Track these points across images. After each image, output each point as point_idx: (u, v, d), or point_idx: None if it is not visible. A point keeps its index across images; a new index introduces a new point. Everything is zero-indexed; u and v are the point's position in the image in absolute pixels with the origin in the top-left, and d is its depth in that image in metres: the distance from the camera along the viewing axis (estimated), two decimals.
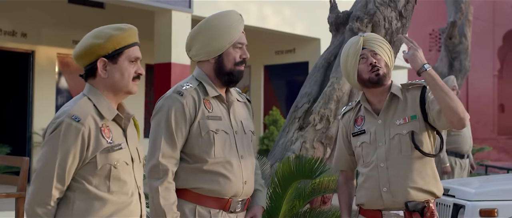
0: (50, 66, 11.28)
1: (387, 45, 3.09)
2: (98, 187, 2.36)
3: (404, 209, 2.98)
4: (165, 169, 2.69)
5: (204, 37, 2.81)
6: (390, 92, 3.06)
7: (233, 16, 2.86)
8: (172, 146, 2.71)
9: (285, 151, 5.21)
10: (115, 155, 2.38)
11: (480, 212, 4.57)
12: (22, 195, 4.60)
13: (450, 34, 12.20)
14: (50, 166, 2.32)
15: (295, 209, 4.37)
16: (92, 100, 2.40)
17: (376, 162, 3.03)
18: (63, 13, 11.29)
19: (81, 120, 2.32)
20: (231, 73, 2.82)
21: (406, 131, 3.00)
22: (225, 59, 2.81)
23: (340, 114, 3.27)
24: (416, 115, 3.02)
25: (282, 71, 13.39)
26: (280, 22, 11.97)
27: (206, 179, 2.73)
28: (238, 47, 2.84)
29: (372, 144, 3.06)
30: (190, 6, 9.93)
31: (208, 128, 2.74)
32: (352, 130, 3.16)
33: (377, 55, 3.04)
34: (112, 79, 2.41)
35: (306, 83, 5.68)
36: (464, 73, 12.30)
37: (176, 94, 2.75)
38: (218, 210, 2.76)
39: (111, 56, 2.39)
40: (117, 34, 2.39)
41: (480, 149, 12.83)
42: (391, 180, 2.98)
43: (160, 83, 9.75)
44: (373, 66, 3.01)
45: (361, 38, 3.07)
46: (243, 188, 2.80)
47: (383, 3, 5.38)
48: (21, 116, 11.07)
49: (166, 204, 2.65)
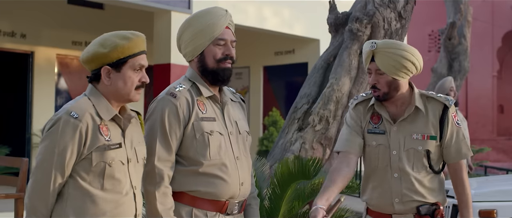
0: (49, 67, 11.27)
1: (400, 57, 2.90)
2: (92, 184, 2.39)
3: (415, 213, 2.98)
4: (161, 173, 2.64)
5: (187, 36, 2.76)
6: (414, 106, 2.97)
7: (215, 12, 2.76)
8: (167, 149, 2.66)
9: (285, 152, 5.21)
10: (111, 153, 2.41)
11: (480, 213, 4.58)
12: (21, 196, 4.59)
13: (450, 35, 12.20)
14: (49, 160, 2.35)
15: (295, 209, 4.37)
16: (92, 101, 2.44)
17: (390, 170, 2.98)
18: (63, 14, 11.29)
19: (79, 117, 2.36)
20: (215, 71, 2.73)
21: (423, 149, 2.96)
22: (206, 57, 2.74)
23: (352, 103, 3.14)
24: (436, 136, 2.97)
25: (282, 72, 13.38)
26: (279, 23, 11.96)
27: (202, 181, 2.70)
28: (220, 44, 2.73)
29: (388, 149, 2.99)
30: (189, 6, 9.93)
31: (202, 130, 2.70)
32: (367, 126, 3.05)
33: (381, 75, 2.93)
34: (114, 86, 2.45)
35: (305, 84, 5.68)
36: (463, 74, 12.30)
37: (169, 96, 2.70)
38: (215, 213, 2.72)
39: (115, 65, 2.43)
40: (122, 44, 2.42)
41: (479, 150, 12.82)
42: (403, 192, 2.96)
43: (159, 84, 9.74)
44: (373, 86, 2.96)
45: (371, 51, 2.92)
46: (240, 189, 2.77)
47: (382, 4, 5.39)
48: (20, 117, 11.06)
49: (164, 209, 2.62)
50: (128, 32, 2.48)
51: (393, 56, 2.89)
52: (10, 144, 9.67)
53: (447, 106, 2.98)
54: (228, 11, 2.80)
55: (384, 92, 2.94)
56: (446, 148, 2.99)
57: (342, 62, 5.41)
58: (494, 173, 12.42)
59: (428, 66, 14.61)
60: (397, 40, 5.38)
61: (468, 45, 12.43)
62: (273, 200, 4.27)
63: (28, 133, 10.96)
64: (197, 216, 2.71)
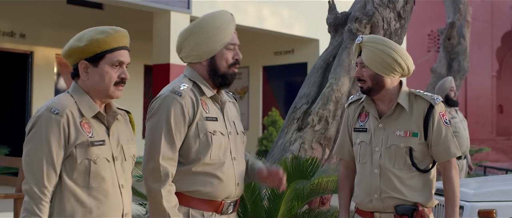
0: (48, 67, 11.27)
1: (384, 49, 2.98)
2: (77, 182, 2.37)
3: (394, 213, 3.00)
4: (166, 171, 2.63)
5: (195, 40, 2.76)
6: (396, 102, 3.02)
7: (224, 17, 2.79)
8: (172, 148, 2.65)
9: (284, 152, 5.21)
10: (95, 150, 2.39)
11: (479, 213, 4.58)
12: (21, 196, 4.59)
13: (449, 35, 12.20)
14: (39, 158, 2.32)
15: (294, 209, 4.36)
16: (74, 98, 2.42)
17: (371, 166, 3.03)
18: (62, 14, 11.29)
19: (60, 112, 2.35)
20: (225, 76, 2.77)
21: (404, 145, 2.99)
22: (218, 61, 2.76)
23: (347, 102, 3.25)
24: (418, 133, 3.00)
25: (281, 72, 13.38)
26: (278, 23, 11.96)
27: (200, 181, 2.70)
28: (230, 48, 2.78)
29: (369, 146, 3.05)
30: (188, 7, 9.93)
31: (206, 130, 2.70)
32: (354, 124, 3.14)
33: (364, 68, 3.01)
34: (92, 81, 2.43)
35: (304, 84, 5.68)
36: (462, 74, 12.30)
37: (174, 94, 2.68)
38: (211, 213, 2.73)
39: (92, 60, 2.41)
40: (98, 38, 2.40)
41: (479, 150, 12.83)
42: (382, 188, 3.00)
43: (158, 84, 9.74)
44: (358, 79, 3.04)
45: (358, 45, 3.03)
46: (236, 189, 2.79)
47: (381, 4, 5.38)
48: (19, 117, 11.06)
49: (170, 207, 2.61)
50: (108, 27, 2.45)
51: (375, 51, 2.98)
52: (9, 144, 9.66)
53: (433, 105, 3.01)
54: (233, 15, 2.84)
55: (368, 86, 3.01)
56: (434, 146, 3.02)
57: (342, 62, 5.41)
58: (493, 173, 12.43)
59: (427, 66, 14.62)
60: (396, 40, 5.38)
61: (468, 45, 12.43)
62: (272, 200, 4.26)
63: None
64: (194, 216, 2.72)
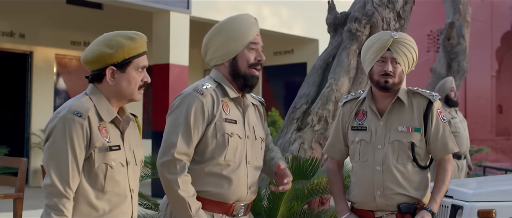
0: (48, 67, 11.27)
1: (414, 52, 3.07)
2: (94, 186, 2.39)
3: (397, 211, 3.01)
4: (182, 164, 2.66)
5: (218, 41, 2.79)
6: (396, 96, 3.05)
7: (247, 20, 2.83)
8: (188, 144, 2.68)
9: (284, 152, 5.21)
10: (112, 155, 2.42)
11: (478, 213, 4.57)
12: (20, 196, 4.59)
13: (448, 35, 12.20)
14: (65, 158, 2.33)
15: (293, 209, 4.37)
16: (93, 101, 2.44)
17: (373, 164, 3.04)
18: (61, 14, 11.29)
19: (83, 115, 2.36)
20: (245, 77, 2.79)
21: (407, 141, 3.01)
22: (239, 61, 2.79)
23: (342, 101, 3.26)
24: (421, 128, 3.03)
25: (281, 72, 13.39)
26: (278, 23, 11.97)
27: (211, 182, 2.72)
28: (253, 48, 2.81)
29: (371, 144, 3.06)
30: (188, 7, 9.93)
31: (224, 130, 2.72)
32: (352, 123, 3.15)
33: (397, 65, 3.02)
34: (118, 87, 2.46)
35: (304, 84, 5.68)
36: (462, 74, 12.30)
37: (196, 93, 2.72)
38: (222, 215, 2.75)
39: (120, 65, 2.44)
40: (128, 44, 2.43)
41: (478, 150, 12.83)
42: (385, 185, 3.01)
43: (158, 84, 9.74)
44: (386, 73, 3.01)
45: (391, 39, 3.03)
46: (247, 193, 2.80)
47: (381, 4, 5.38)
48: (19, 117, 11.06)
49: (188, 196, 2.63)
50: (131, 32, 2.49)
51: (409, 49, 3.03)
52: (9, 144, 9.66)
53: (432, 101, 3.04)
54: (256, 19, 2.87)
55: (394, 81, 3.02)
56: (432, 142, 3.05)
57: (341, 62, 5.41)
58: (493, 173, 12.43)
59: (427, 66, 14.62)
60: None
61: (467, 45, 12.44)
62: (272, 200, 4.26)
63: (27, 132, 10.97)
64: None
